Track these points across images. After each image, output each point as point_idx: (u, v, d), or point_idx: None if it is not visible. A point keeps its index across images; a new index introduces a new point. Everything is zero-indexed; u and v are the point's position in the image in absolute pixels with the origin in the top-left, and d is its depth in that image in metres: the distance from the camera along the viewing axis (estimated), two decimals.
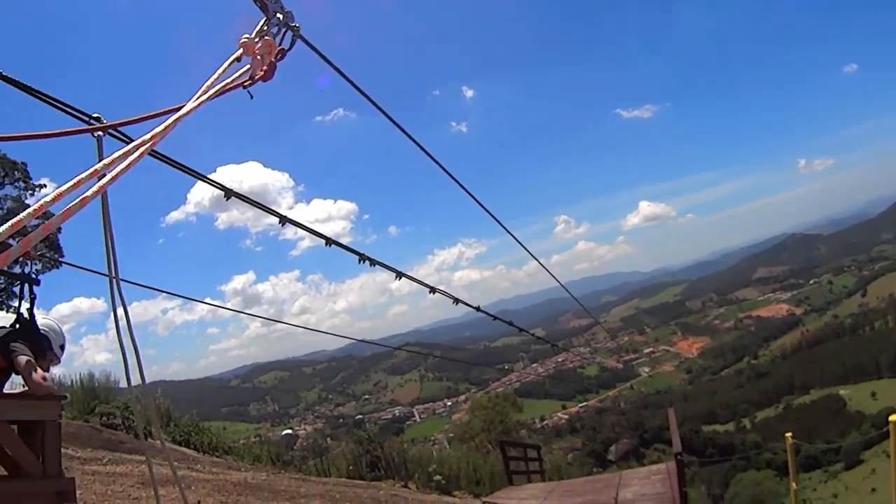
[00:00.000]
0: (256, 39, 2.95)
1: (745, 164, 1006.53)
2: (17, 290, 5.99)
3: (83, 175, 1.83)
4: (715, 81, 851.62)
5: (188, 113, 2.51)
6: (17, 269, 6.17)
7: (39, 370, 5.33)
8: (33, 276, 5.95)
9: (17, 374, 5.32)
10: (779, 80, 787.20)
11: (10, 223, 1.66)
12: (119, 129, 3.71)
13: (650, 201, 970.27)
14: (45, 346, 5.71)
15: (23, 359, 5.18)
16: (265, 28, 3.02)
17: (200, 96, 2.62)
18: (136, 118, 3.03)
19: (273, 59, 3.03)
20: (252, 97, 3.03)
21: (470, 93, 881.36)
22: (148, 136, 2.40)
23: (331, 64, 4.40)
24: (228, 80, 2.82)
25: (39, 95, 3.67)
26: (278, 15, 3.07)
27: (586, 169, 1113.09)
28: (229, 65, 2.87)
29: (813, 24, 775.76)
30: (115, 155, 2.17)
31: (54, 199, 1.75)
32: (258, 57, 2.93)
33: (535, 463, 24.99)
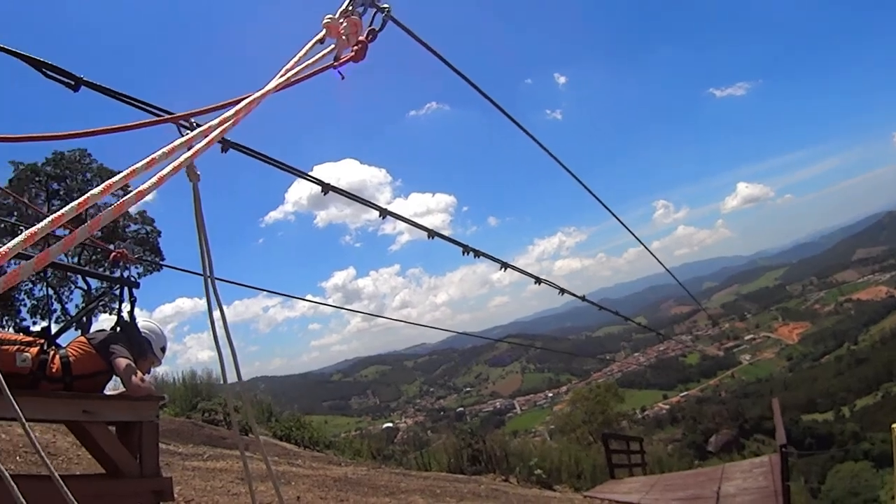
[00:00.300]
0: (341, 20, 2.84)
1: (841, 140, 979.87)
2: (117, 293, 6.06)
3: (157, 154, 1.76)
4: (809, 56, 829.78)
5: (267, 94, 2.41)
6: (117, 273, 6.24)
7: (139, 372, 5.38)
8: (133, 279, 6.03)
9: (118, 376, 5.38)
10: (876, 54, 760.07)
11: (76, 202, 1.59)
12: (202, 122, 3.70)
13: (748, 182, 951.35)
14: (145, 349, 5.78)
15: (122, 361, 5.23)
16: (350, 8, 2.92)
17: (281, 78, 2.52)
18: (216, 105, 2.95)
19: (364, 39, 2.93)
20: (343, 77, 2.95)
21: (562, 79, 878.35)
22: (230, 113, 2.31)
23: (426, 45, 4.32)
24: (311, 60, 2.71)
25: (122, 98, 3.67)
26: None
27: (683, 151, 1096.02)
28: (311, 46, 2.77)
29: None
30: (193, 134, 2.10)
31: (125, 178, 1.67)
32: (343, 37, 2.83)
33: (637, 456, 24.66)
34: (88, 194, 1.73)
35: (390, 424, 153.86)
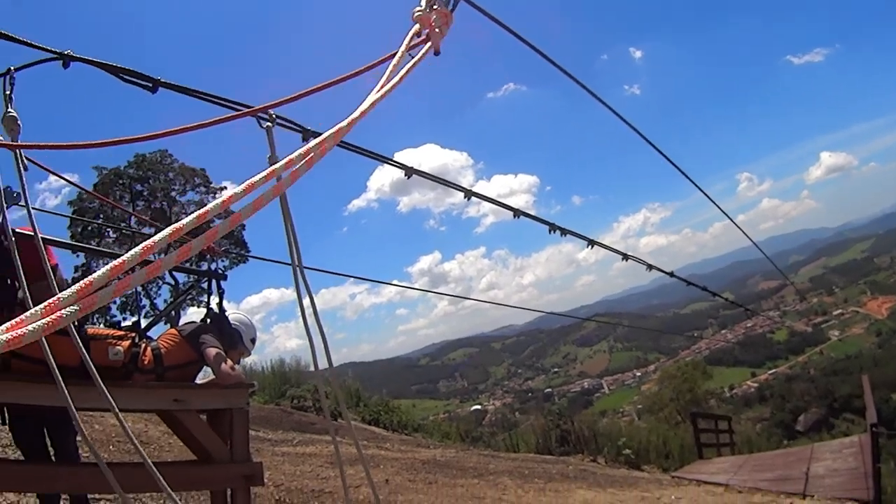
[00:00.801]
0: (429, 10, 2.84)
1: None
2: (205, 286, 6.21)
3: (260, 176, 1.80)
4: (887, 15, 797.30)
5: (378, 102, 2.41)
6: (204, 266, 6.40)
7: (229, 361, 5.52)
8: (220, 271, 6.18)
9: (208, 365, 5.53)
10: None
11: (195, 214, 1.64)
12: (287, 118, 3.78)
13: (831, 151, 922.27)
14: (236, 340, 5.93)
15: (212, 350, 5.38)
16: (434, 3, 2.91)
17: (388, 82, 2.52)
18: (294, 95, 2.98)
19: (443, 22, 2.93)
20: (438, 54, 2.97)
21: (638, 53, 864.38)
22: (338, 127, 2.32)
23: (503, 25, 4.32)
24: (414, 60, 2.70)
25: (200, 95, 3.75)
26: None
27: (763, 122, 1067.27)
28: (410, 42, 2.76)
29: None
30: (295, 154, 2.12)
31: (232, 199, 1.71)
32: (436, 29, 2.82)
33: (726, 435, 24.34)
34: (208, 207, 1.77)
35: (478, 407, 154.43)
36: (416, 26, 2.76)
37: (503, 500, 10.68)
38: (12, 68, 3.20)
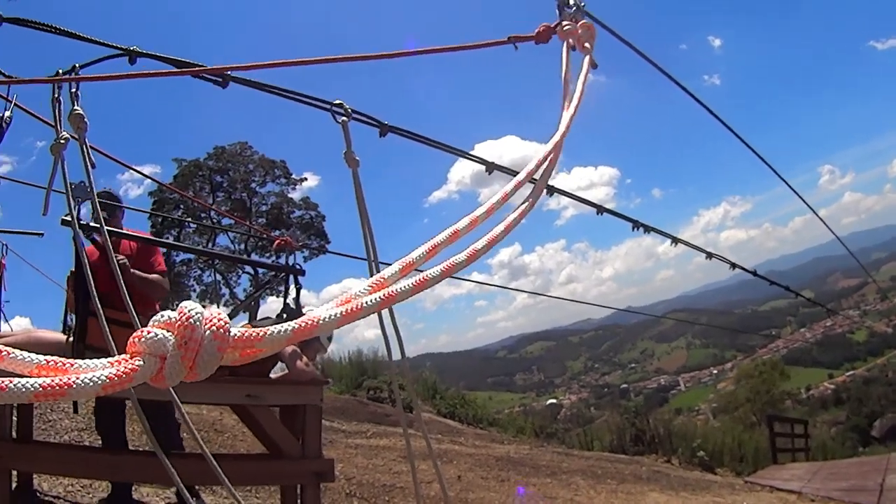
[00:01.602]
0: (575, 25, 2.78)
1: None
2: (284, 280, 6.27)
3: (481, 211, 1.72)
4: None
5: (569, 130, 2.35)
6: (283, 259, 6.46)
7: (304, 357, 5.57)
8: (298, 266, 6.22)
9: (283, 361, 5.58)
10: None
11: (429, 245, 1.48)
12: (363, 115, 3.77)
13: None
14: (310, 339, 5.96)
15: (288, 347, 5.41)
16: (566, 12, 2.88)
17: (570, 105, 2.46)
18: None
19: (551, 27, 2.90)
20: (517, 49, 2.96)
21: (717, 42, 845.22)
22: (535, 167, 2.26)
23: (622, 39, 4.30)
24: (583, 80, 2.63)
25: (272, 89, 3.75)
26: None
27: (847, 112, 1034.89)
28: (568, 62, 2.70)
29: None
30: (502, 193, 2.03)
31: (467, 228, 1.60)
32: (586, 45, 2.77)
33: (801, 440, 23.87)
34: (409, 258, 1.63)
35: (554, 401, 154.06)
36: (570, 41, 2.72)
37: (575, 500, 10.59)
38: (77, 66, 3.23)
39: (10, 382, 0.72)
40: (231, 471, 3.36)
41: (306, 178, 48.13)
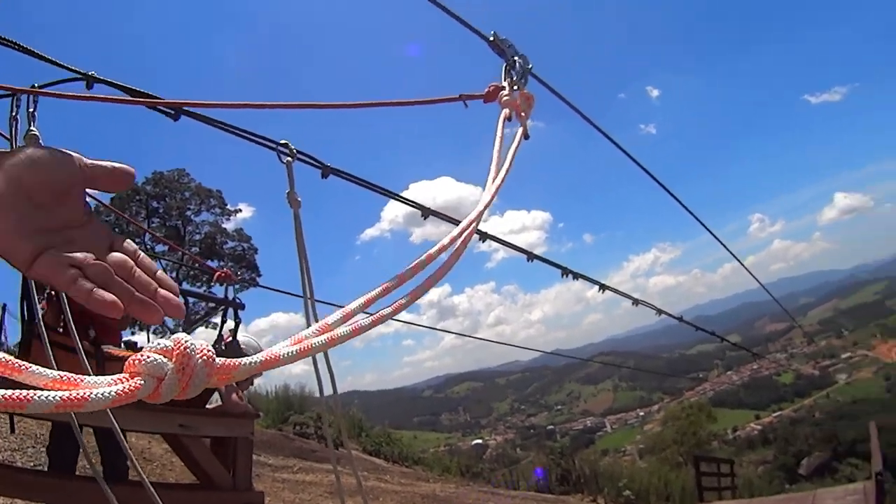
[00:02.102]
0: (516, 94, 2.90)
1: None
2: (220, 313, 6.28)
3: (405, 269, 1.78)
4: None
5: (492, 202, 2.41)
6: (218, 292, 6.48)
7: (239, 391, 5.61)
8: (239, 300, 6.26)
9: (219, 393, 5.61)
10: None
11: (345, 311, 1.59)
12: (308, 155, 3.85)
13: (846, 192, 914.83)
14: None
15: (227, 387, 5.46)
16: (513, 77, 2.99)
17: (497, 175, 2.53)
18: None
19: (499, 86, 3.02)
20: (466, 107, 3.07)
21: (655, 92, 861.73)
22: (455, 245, 2.33)
23: (567, 102, 4.45)
24: (513, 151, 2.71)
25: (222, 126, 3.82)
26: (516, 59, 3.05)
27: (778, 162, 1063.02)
28: (503, 130, 2.78)
29: None
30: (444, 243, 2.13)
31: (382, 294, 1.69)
32: (522, 114, 2.88)
33: (728, 479, 24.27)
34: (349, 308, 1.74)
35: (480, 441, 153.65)
36: (506, 111, 2.83)
37: None
38: (35, 85, 3.28)
39: (34, 395, 0.83)
40: (164, 500, 3.38)
41: (241, 210, 48.00)
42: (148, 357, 0.97)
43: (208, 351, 1.03)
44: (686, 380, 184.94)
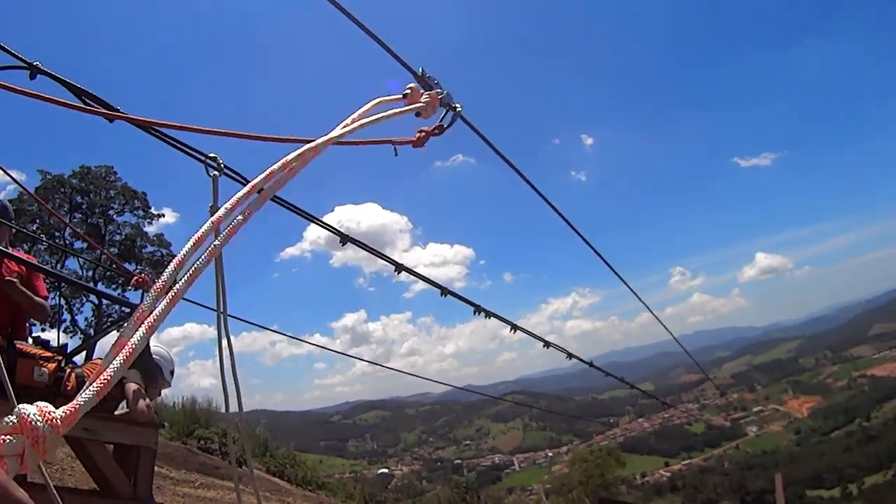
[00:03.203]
0: (423, 93, 3.01)
1: (866, 212, 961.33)
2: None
3: (201, 233, 1.89)
4: (835, 127, 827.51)
5: (329, 143, 2.42)
6: (132, 297, 6.46)
7: (146, 399, 5.59)
8: None
9: (126, 399, 5.59)
10: None
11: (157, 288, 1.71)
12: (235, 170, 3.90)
13: (767, 253, 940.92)
14: (155, 374, 6.00)
15: (132, 386, 5.46)
16: (432, 84, 3.14)
17: (346, 128, 2.54)
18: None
19: (428, 131, 3.15)
20: (396, 154, 3.18)
21: (590, 141, 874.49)
22: (285, 169, 2.38)
23: (490, 145, 4.59)
24: (380, 116, 2.76)
25: (156, 133, 3.86)
26: (440, 95, 3.20)
27: (704, 219, 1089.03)
28: (380, 103, 2.81)
29: None
30: (229, 205, 2.19)
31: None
32: (421, 106, 2.99)
33: None
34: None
35: (385, 470, 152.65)
36: (400, 96, 2.95)
37: None
38: None
39: None
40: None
41: (164, 215, 47.28)
42: (4, 440, 1.15)
43: (48, 412, 1.25)
44: (597, 423, 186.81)
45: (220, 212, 2.03)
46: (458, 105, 3.26)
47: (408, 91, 2.97)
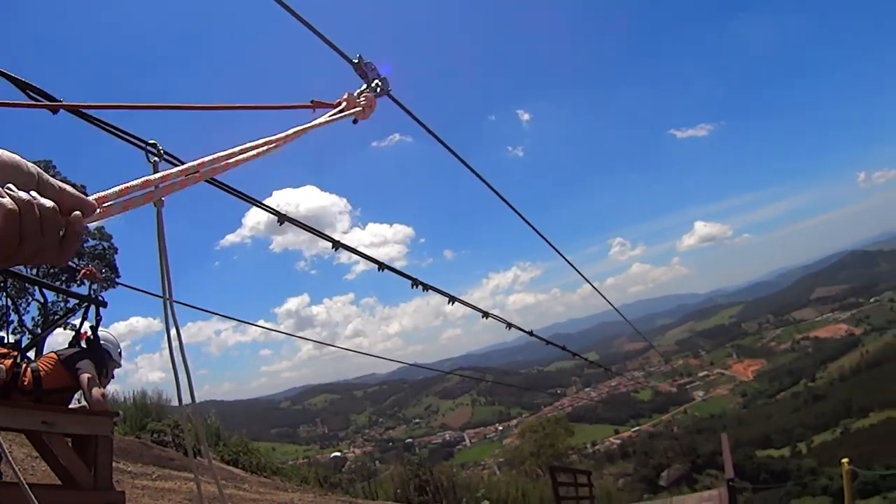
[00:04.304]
0: (360, 98, 3.10)
1: (803, 179, 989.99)
2: (81, 310, 6.22)
3: (135, 182, 1.90)
4: (771, 97, 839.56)
5: (261, 154, 2.49)
6: (77, 288, 6.40)
7: (100, 388, 5.56)
8: (101, 298, 6.20)
9: (82, 390, 5.56)
10: (837, 93, 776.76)
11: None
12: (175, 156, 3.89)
13: (706, 221, 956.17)
14: (106, 362, 5.98)
15: (86, 377, 5.44)
16: (366, 90, 3.22)
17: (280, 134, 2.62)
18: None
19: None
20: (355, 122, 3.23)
21: (526, 116, 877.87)
22: (207, 160, 2.41)
23: (420, 123, 4.62)
24: (317, 122, 2.83)
25: (98, 123, 3.84)
26: (376, 82, 3.26)
27: (642, 190, 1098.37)
28: (332, 119, 2.93)
29: (870, 39, 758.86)
30: (171, 171, 2.22)
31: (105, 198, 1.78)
32: (360, 108, 3.07)
33: (586, 489, 24.86)
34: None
35: (338, 454, 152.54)
36: (344, 104, 3.02)
37: None
38: None
39: None
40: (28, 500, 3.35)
41: None
42: None
43: None
44: (545, 395, 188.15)
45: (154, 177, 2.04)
46: (391, 89, 3.34)
47: (343, 101, 3.03)
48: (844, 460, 12.89)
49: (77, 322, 6.28)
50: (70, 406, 5.66)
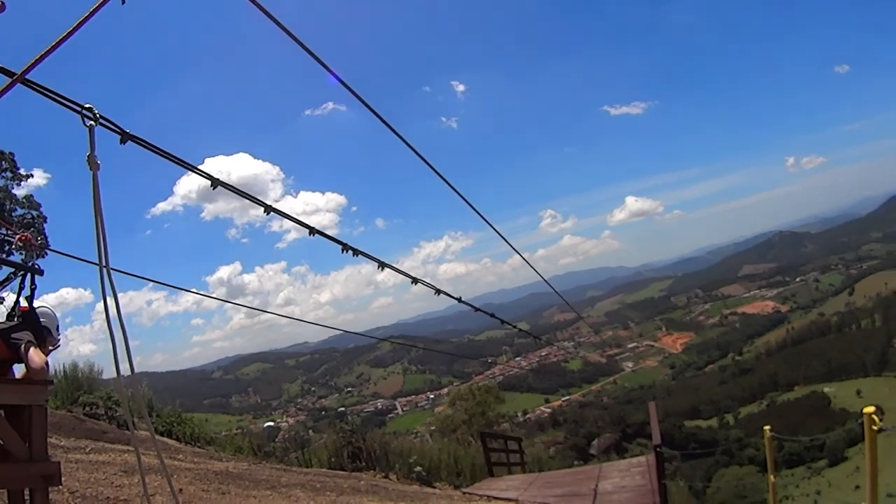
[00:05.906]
0: None
1: (733, 160, 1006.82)
2: (17, 280, 6.12)
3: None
4: (704, 78, 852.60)
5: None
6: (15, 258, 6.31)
7: (41, 355, 5.51)
8: (37, 266, 6.10)
9: (20, 363, 5.50)
10: (769, 78, 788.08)
11: None
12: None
13: (637, 197, 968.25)
14: (44, 334, 5.89)
15: (26, 344, 5.38)
16: None
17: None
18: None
19: None
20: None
21: (461, 87, 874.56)
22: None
23: (352, 91, 4.62)
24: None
25: (29, 84, 3.79)
26: None
27: (574, 164, 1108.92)
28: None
29: (805, 21, 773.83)
30: None
31: None
32: None
33: (517, 455, 25.20)
34: None
35: (272, 423, 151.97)
36: None
37: None
38: None
39: None
40: None
41: (33, 175, 45.36)
42: None
43: None
44: (476, 364, 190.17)
45: None
46: None
47: None
48: (766, 427, 13.28)
49: (9, 294, 6.17)
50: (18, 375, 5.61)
